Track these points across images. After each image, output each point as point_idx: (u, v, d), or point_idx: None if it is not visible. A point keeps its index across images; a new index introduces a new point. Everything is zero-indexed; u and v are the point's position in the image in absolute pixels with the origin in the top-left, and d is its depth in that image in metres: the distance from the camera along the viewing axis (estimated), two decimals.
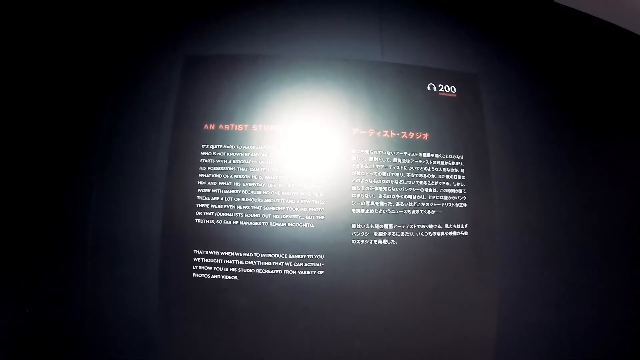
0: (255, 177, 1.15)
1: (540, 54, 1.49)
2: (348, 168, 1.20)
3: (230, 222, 1.13)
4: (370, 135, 1.23)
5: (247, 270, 1.12)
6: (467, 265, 1.24)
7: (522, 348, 1.30)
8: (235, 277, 1.12)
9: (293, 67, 1.24)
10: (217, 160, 1.16)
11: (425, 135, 1.26)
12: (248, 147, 1.17)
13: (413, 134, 1.25)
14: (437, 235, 1.22)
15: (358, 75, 1.26)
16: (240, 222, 1.13)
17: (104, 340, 1.14)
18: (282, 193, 1.15)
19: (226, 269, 1.12)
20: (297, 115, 1.21)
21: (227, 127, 1.18)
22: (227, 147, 1.17)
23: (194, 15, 1.29)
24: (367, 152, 1.22)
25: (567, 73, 1.50)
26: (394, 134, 1.24)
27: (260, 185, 1.15)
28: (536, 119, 1.41)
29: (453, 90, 1.31)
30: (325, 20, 1.31)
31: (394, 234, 1.19)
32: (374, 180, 1.20)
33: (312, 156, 1.19)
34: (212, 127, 1.18)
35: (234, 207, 1.14)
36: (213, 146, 1.17)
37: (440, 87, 1.31)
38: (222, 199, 1.14)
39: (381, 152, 1.22)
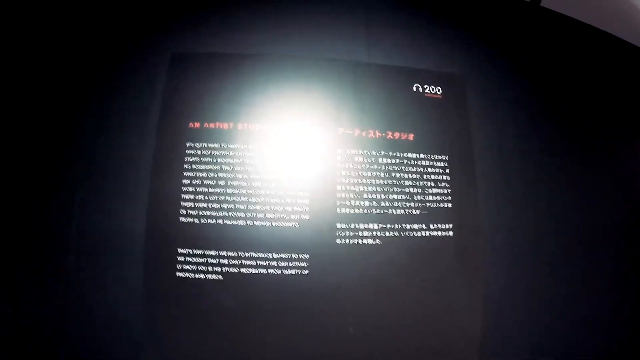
0: (240, 176, 1.15)
1: (527, 56, 1.50)
2: (333, 168, 1.20)
3: (214, 221, 1.12)
4: (356, 135, 1.23)
5: (231, 269, 1.12)
6: (452, 265, 1.24)
7: (509, 347, 1.31)
8: (220, 277, 1.11)
9: (279, 66, 1.24)
10: (202, 159, 1.15)
11: (411, 136, 1.27)
12: (233, 146, 1.16)
13: (398, 134, 1.26)
14: (422, 236, 1.22)
15: (344, 75, 1.26)
16: (225, 221, 1.13)
17: (88, 340, 1.12)
18: (267, 192, 1.15)
19: (210, 269, 1.11)
20: (282, 114, 1.21)
21: (212, 125, 1.17)
22: (212, 145, 1.16)
23: (182, 12, 1.29)
24: (352, 151, 1.22)
25: (552, 75, 1.52)
26: (380, 134, 1.25)
27: (245, 184, 1.15)
28: (521, 120, 1.43)
29: (439, 91, 1.32)
30: (313, 20, 1.31)
31: (378, 234, 1.19)
32: (359, 180, 1.20)
33: (297, 155, 1.19)
34: (197, 125, 1.17)
35: (218, 206, 1.13)
36: (198, 144, 1.16)
37: (426, 88, 1.31)
38: (206, 197, 1.13)
39: (366, 152, 1.23)
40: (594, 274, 1.44)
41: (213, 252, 1.12)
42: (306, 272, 1.14)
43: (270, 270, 1.13)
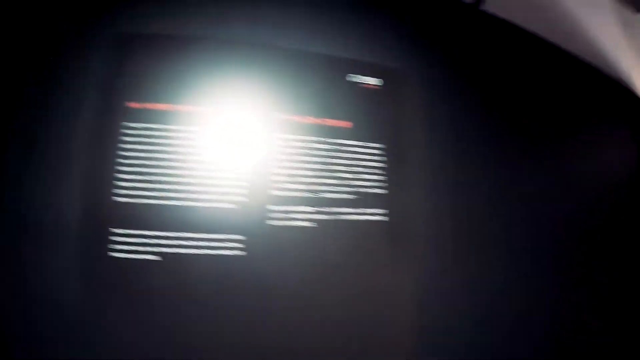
0: (178, 157, 1.15)
1: (464, 55, 1.59)
2: (270, 151, 1.22)
3: (151, 201, 1.12)
4: (294, 120, 1.27)
5: (168, 250, 1.12)
6: (387, 250, 1.30)
7: (442, 331, 1.38)
8: (156, 257, 1.11)
9: (220, 50, 1.25)
10: (140, 139, 1.14)
11: (348, 124, 1.31)
12: (172, 127, 1.16)
13: (336, 121, 1.30)
14: (356, 220, 1.27)
15: (285, 62, 1.29)
16: (162, 202, 1.13)
17: (20, 323, 1.09)
18: (205, 174, 1.16)
19: (146, 249, 1.11)
20: (223, 97, 1.22)
21: (152, 106, 1.17)
22: (151, 125, 1.15)
23: None
24: (289, 136, 1.25)
25: (488, 74, 1.62)
26: (317, 121, 1.29)
27: (183, 165, 1.15)
28: (458, 115, 1.51)
29: (377, 82, 1.38)
30: (255, 7, 1.32)
31: (313, 217, 1.23)
32: (296, 165, 1.24)
33: (235, 139, 1.21)
34: (137, 105, 1.16)
35: (155, 186, 1.13)
36: (136, 124, 1.15)
37: (365, 78, 1.37)
38: (143, 177, 1.13)
39: (303, 138, 1.26)
40: (524, 262, 1.54)
41: (149, 233, 1.11)
42: (241, 253, 1.16)
43: (207, 252, 1.14)
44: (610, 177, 1.90)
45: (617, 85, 2.03)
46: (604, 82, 2.00)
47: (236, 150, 1.20)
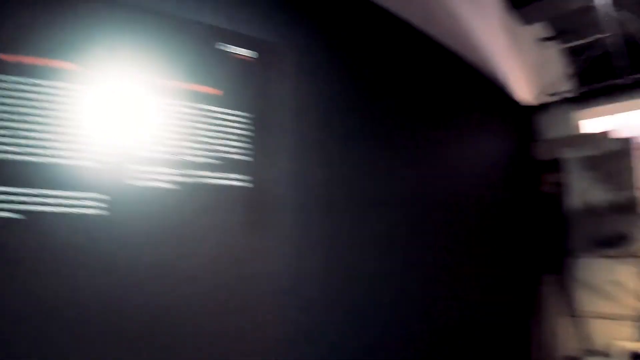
0: (45, 112, 1.15)
1: (341, 35, 1.70)
2: (137, 113, 1.26)
3: (13, 156, 1.11)
4: (164, 84, 1.31)
5: (30, 207, 1.11)
6: (250, 215, 1.37)
7: (305, 294, 1.46)
8: (18, 215, 1.10)
9: (95, 10, 1.25)
10: (4, 92, 1.12)
11: (217, 91, 1.37)
12: (40, 82, 1.16)
13: (205, 88, 1.36)
14: (221, 184, 1.33)
15: (157, 26, 1.33)
16: (24, 158, 1.12)
17: None
18: (71, 131, 1.17)
19: (7, 206, 1.09)
20: (96, 57, 1.23)
21: (21, 59, 1.15)
22: (18, 79, 1.14)
23: None
24: (157, 99, 1.29)
25: (363, 56, 1.75)
26: (187, 86, 1.34)
27: (49, 121, 1.15)
28: (328, 90, 1.61)
29: (251, 53, 1.45)
30: None
31: (177, 179, 1.28)
32: (162, 127, 1.28)
33: (104, 98, 1.23)
34: (7, 57, 1.14)
35: (18, 141, 1.12)
36: (4, 77, 1.13)
37: (239, 49, 1.44)
38: (6, 132, 1.11)
39: (171, 101, 1.31)
40: (372, 228, 1.65)
41: (11, 189, 1.10)
42: (105, 212, 1.18)
43: (70, 210, 1.14)
44: (485, 167, 2.05)
45: (494, 86, 2.20)
46: (482, 80, 2.16)
47: (102, 110, 1.22)
